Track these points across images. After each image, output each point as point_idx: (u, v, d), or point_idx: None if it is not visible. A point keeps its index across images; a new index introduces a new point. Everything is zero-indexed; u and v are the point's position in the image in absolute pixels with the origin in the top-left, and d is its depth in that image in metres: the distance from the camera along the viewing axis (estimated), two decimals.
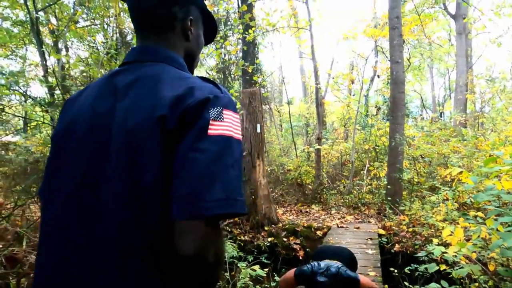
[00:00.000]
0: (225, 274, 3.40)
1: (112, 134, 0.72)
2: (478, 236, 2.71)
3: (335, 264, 2.42)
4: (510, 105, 12.69)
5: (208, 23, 0.98)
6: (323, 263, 2.45)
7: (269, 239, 5.82)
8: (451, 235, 2.90)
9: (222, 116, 0.71)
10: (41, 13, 7.93)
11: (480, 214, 4.51)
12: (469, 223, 3.14)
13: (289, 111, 12.34)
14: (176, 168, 0.66)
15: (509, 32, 14.52)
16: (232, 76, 14.55)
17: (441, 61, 20.65)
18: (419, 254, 3.09)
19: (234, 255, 3.57)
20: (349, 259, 2.74)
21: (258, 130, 6.09)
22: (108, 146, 0.72)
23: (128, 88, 0.76)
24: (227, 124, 0.71)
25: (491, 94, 15.16)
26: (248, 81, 11.21)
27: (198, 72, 17.13)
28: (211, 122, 0.69)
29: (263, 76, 12.26)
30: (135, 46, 0.88)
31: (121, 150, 0.70)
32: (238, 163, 0.70)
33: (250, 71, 8.99)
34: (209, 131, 0.68)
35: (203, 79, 0.79)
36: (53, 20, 9.61)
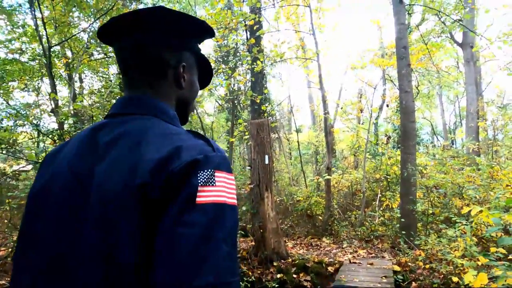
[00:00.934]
0: None
1: (89, 203, 0.63)
2: (505, 281, 2.51)
3: None
4: None
5: (204, 68, 0.90)
6: None
7: (278, 275, 5.58)
8: (474, 278, 2.71)
9: (214, 179, 0.62)
10: (57, 47, 8.20)
11: (501, 250, 4.26)
12: (493, 265, 2.94)
13: (297, 140, 12.28)
14: (158, 248, 0.56)
15: None
16: (241, 105, 14.69)
17: (450, 88, 20.61)
18: None
19: None
20: None
21: (266, 162, 6.00)
22: (84, 217, 0.63)
23: (109, 147, 0.67)
24: (220, 189, 0.62)
25: (504, 121, 14.93)
26: (257, 110, 11.26)
27: (208, 101, 17.37)
28: (199, 188, 0.59)
29: (272, 106, 12.32)
30: (121, 96, 0.80)
31: (95, 223, 0.61)
32: (231, 235, 0.61)
33: (258, 101, 9.03)
34: (198, 199, 0.58)
35: (194, 134, 0.70)
36: (69, 53, 9.96)
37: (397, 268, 5.40)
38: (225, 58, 12.21)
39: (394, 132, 13.26)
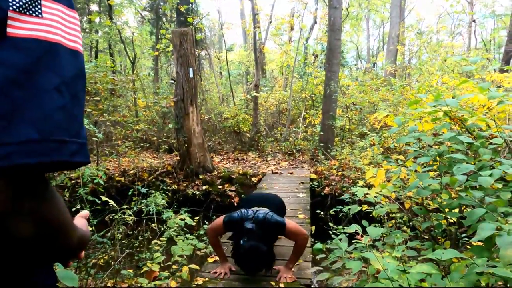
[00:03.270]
0: (152, 225, 3.25)
1: None
2: (398, 177, 2.82)
3: (262, 211, 2.41)
4: (434, 57, 13.53)
5: None
6: (251, 211, 2.42)
7: (204, 187, 5.74)
8: (373, 176, 3.01)
9: (39, 9, 0.44)
10: None
11: (401, 157, 4.81)
12: (391, 165, 3.27)
13: (226, 58, 11.84)
14: None
15: None
16: (167, 18, 13.38)
17: (377, 11, 21.13)
18: (343, 197, 3.21)
19: (162, 205, 3.40)
20: (277, 205, 2.76)
21: (191, 75, 5.69)
22: None
23: None
24: (50, 24, 0.45)
25: (419, 46, 16.04)
26: (183, 22, 10.40)
27: (127, 12, 15.42)
28: (12, 15, 0.42)
29: (199, 18, 11.42)
30: None
31: None
32: (71, 87, 0.46)
33: (182, 9, 8.23)
34: (10, 30, 0.42)
35: None
36: None
37: (313, 176, 5.88)
38: None
39: (322, 53, 13.47)
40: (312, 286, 2.99)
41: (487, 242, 1.54)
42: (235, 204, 5.58)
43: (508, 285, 1.27)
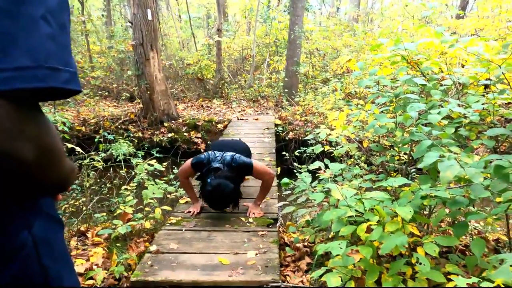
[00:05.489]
0: (121, 172, 3.26)
1: None
2: (357, 119, 3.00)
3: (230, 153, 2.50)
4: (395, 3, 13.53)
5: None
6: (219, 153, 2.50)
7: (169, 135, 5.72)
8: (335, 119, 3.17)
9: None
10: None
11: (361, 102, 5.04)
12: (351, 109, 3.44)
13: (186, 0, 11.13)
14: None
15: None
16: None
17: None
18: (307, 137, 3.38)
19: (128, 152, 3.39)
20: (243, 150, 2.86)
21: (149, 17, 5.36)
22: None
23: None
24: None
25: None
26: None
27: None
28: None
29: None
30: None
31: None
32: (56, 16, 0.48)
33: None
34: None
35: None
36: None
37: (278, 121, 6.03)
38: None
39: None
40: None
41: (432, 172, 1.75)
42: (202, 150, 5.66)
43: (445, 204, 1.49)
